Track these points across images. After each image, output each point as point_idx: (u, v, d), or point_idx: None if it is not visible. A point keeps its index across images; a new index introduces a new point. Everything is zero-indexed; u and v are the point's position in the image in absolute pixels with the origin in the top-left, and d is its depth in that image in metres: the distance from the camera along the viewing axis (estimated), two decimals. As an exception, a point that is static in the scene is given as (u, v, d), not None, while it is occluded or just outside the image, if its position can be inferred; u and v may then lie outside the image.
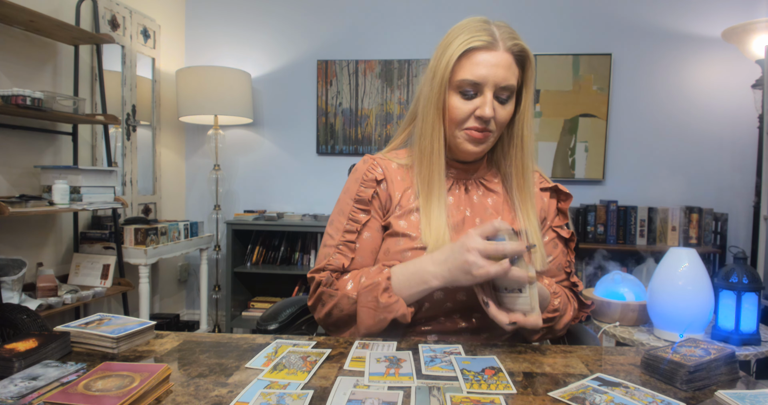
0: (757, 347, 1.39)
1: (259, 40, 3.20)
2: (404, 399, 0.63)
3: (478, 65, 0.89)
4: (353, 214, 0.97)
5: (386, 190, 0.99)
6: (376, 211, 0.99)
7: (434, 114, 0.93)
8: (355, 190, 0.99)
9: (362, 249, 0.97)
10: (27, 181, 2.10)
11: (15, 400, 0.58)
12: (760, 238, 2.34)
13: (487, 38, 0.89)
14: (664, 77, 2.92)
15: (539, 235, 0.97)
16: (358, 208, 0.98)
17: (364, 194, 0.98)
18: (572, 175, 2.98)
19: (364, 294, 0.89)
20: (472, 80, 0.89)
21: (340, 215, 0.99)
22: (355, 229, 0.96)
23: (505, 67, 0.89)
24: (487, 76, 0.89)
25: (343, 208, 1.00)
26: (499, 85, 0.89)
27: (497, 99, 0.91)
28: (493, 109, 0.90)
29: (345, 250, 0.96)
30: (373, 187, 0.99)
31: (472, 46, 0.89)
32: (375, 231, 0.98)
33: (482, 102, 0.90)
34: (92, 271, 2.28)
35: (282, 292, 3.14)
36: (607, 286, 1.69)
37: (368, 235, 0.98)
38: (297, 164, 3.22)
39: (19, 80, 2.04)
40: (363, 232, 0.97)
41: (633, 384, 0.68)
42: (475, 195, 1.01)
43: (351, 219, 0.97)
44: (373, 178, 0.99)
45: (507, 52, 0.90)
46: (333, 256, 0.96)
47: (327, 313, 0.94)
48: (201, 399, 0.63)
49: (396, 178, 1.01)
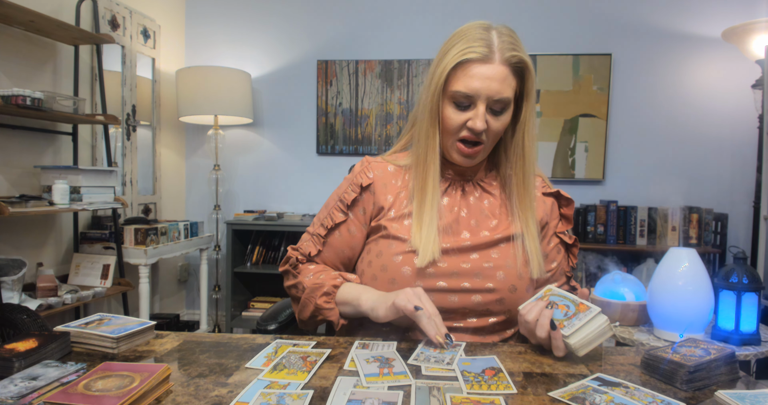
0: (757, 347, 1.39)
1: (259, 40, 3.20)
2: (404, 399, 0.63)
3: (471, 78, 0.89)
4: (333, 211, 1.03)
5: (374, 195, 1.01)
6: (355, 214, 1.02)
7: (429, 121, 0.94)
8: (344, 189, 1.04)
9: (329, 245, 1.03)
10: (27, 181, 2.10)
11: (15, 400, 0.58)
12: (760, 238, 2.34)
13: (483, 50, 0.88)
14: (664, 77, 2.92)
15: (537, 244, 0.97)
16: (338, 207, 1.02)
17: (347, 197, 1.02)
18: (572, 175, 2.98)
19: (311, 289, 0.97)
20: (465, 92, 0.89)
21: (326, 208, 1.06)
22: (328, 226, 1.02)
23: (500, 80, 0.89)
24: (480, 90, 0.88)
25: (329, 202, 1.06)
26: (493, 98, 0.89)
27: (491, 111, 0.91)
28: (486, 122, 0.90)
29: (316, 240, 1.04)
30: (357, 192, 1.01)
31: (467, 58, 0.88)
32: (347, 232, 1.02)
33: (474, 114, 0.90)
34: (92, 271, 2.28)
35: (282, 292, 3.14)
36: (607, 286, 1.69)
37: (338, 235, 1.03)
38: (297, 164, 3.22)
39: (19, 80, 2.04)
40: (335, 230, 1.03)
41: (633, 384, 0.68)
42: (472, 197, 1.01)
43: (330, 215, 1.03)
44: (359, 183, 1.02)
45: (503, 64, 0.89)
46: (305, 243, 1.05)
47: (288, 287, 1.04)
48: (201, 399, 0.63)
49: (390, 182, 1.02)
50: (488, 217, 0.99)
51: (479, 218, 0.99)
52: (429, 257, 0.91)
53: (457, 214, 0.98)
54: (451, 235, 0.96)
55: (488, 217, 0.99)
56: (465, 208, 1.00)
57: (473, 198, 1.01)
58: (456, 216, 0.98)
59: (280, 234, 3.07)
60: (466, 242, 0.95)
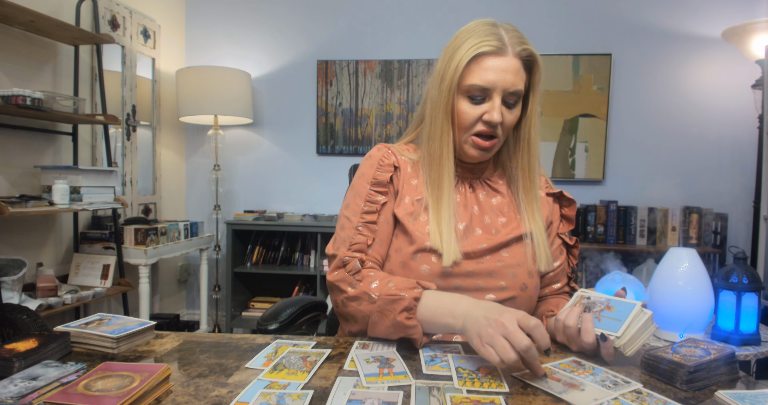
0: (757, 347, 1.39)
1: (259, 40, 3.20)
2: (404, 399, 0.63)
3: (487, 70, 0.89)
4: (371, 196, 0.96)
5: (400, 178, 1.00)
6: (391, 195, 0.99)
7: (443, 118, 0.94)
8: (372, 174, 0.98)
9: (380, 232, 0.95)
10: (27, 181, 2.10)
11: (15, 400, 0.58)
12: (760, 238, 2.34)
13: (496, 43, 0.89)
14: (664, 77, 2.92)
15: (545, 238, 0.97)
16: (375, 191, 0.97)
17: (382, 177, 0.98)
18: (572, 175, 2.98)
19: (385, 301, 0.83)
20: (481, 85, 0.90)
21: (357, 198, 0.98)
22: (375, 210, 0.95)
23: (514, 72, 0.90)
24: (496, 82, 0.89)
25: (359, 192, 0.98)
26: (508, 90, 0.90)
27: (505, 104, 0.92)
28: (501, 114, 0.90)
29: (365, 230, 0.94)
30: (391, 171, 0.99)
31: (482, 51, 0.89)
32: (390, 215, 0.98)
33: (491, 107, 0.90)
34: (92, 271, 2.28)
35: (282, 292, 3.14)
36: (607, 286, 1.68)
37: (384, 220, 0.97)
38: (297, 164, 3.22)
39: (19, 80, 2.04)
40: (380, 215, 0.96)
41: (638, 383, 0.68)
42: (481, 194, 1.02)
43: (369, 200, 0.96)
44: (391, 163, 1.00)
45: (515, 57, 0.90)
46: (354, 238, 0.93)
47: (343, 301, 0.90)
48: (201, 399, 0.63)
49: (407, 170, 1.01)
50: (498, 215, 1.00)
51: (490, 216, 0.99)
52: (452, 258, 0.90)
53: (470, 211, 0.99)
54: (468, 234, 0.96)
55: (498, 214, 1.00)
56: (476, 205, 1.00)
57: (482, 195, 1.02)
58: (470, 213, 0.98)
59: (280, 234, 3.07)
60: (481, 244, 0.95)
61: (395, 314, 0.81)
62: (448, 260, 0.89)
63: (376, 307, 0.84)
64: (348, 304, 0.89)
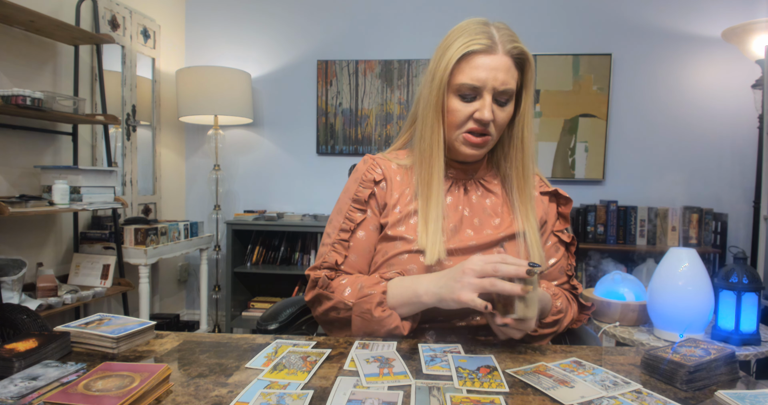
0: (757, 347, 1.39)
1: (259, 40, 3.20)
2: (404, 399, 0.63)
3: (477, 69, 0.89)
4: (350, 213, 0.99)
5: (385, 190, 1.00)
6: (373, 210, 1.00)
7: (433, 116, 0.94)
8: (354, 189, 1.01)
9: (355, 247, 0.98)
10: (27, 181, 2.10)
11: (15, 400, 0.58)
12: (760, 238, 2.34)
13: (486, 41, 0.89)
14: (664, 77, 2.92)
15: (538, 236, 0.97)
16: (354, 208, 0.99)
17: (362, 194, 0.99)
18: (572, 175, 2.98)
19: (359, 304, 0.89)
20: (471, 84, 0.90)
21: (339, 214, 1.01)
22: (350, 228, 0.98)
23: (504, 70, 0.90)
24: (486, 80, 0.89)
25: (341, 207, 1.02)
26: (498, 89, 0.90)
27: (496, 102, 0.92)
28: (492, 112, 0.90)
29: (339, 247, 0.98)
30: (371, 187, 1.00)
31: (471, 49, 0.89)
32: (370, 230, 0.99)
33: (481, 105, 0.90)
34: (92, 271, 2.28)
35: (282, 292, 3.14)
36: (607, 286, 1.69)
37: (362, 234, 0.99)
38: (297, 164, 3.22)
39: (19, 80, 2.04)
40: (357, 230, 0.99)
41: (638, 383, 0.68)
42: (474, 195, 1.01)
43: (347, 218, 0.99)
44: (372, 179, 1.00)
45: (506, 55, 0.90)
46: (328, 254, 0.98)
47: (324, 312, 0.95)
48: (201, 399, 0.63)
49: (395, 179, 1.01)
50: (491, 216, 0.99)
51: (482, 217, 0.99)
52: (435, 257, 0.90)
53: (461, 213, 0.98)
54: (456, 234, 0.96)
55: (491, 215, 0.99)
56: (468, 207, 1.00)
57: (476, 196, 1.01)
58: (460, 215, 0.98)
59: (280, 234, 3.07)
60: (471, 242, 0.95)
61: (372, 312, 0.87)
62: (431, 259, 0.90)
63: (354, 311, 0.89)
64: (328, 314, 0.94)
